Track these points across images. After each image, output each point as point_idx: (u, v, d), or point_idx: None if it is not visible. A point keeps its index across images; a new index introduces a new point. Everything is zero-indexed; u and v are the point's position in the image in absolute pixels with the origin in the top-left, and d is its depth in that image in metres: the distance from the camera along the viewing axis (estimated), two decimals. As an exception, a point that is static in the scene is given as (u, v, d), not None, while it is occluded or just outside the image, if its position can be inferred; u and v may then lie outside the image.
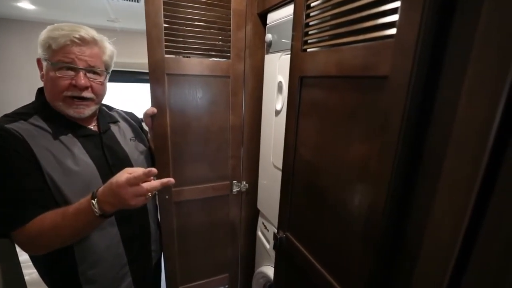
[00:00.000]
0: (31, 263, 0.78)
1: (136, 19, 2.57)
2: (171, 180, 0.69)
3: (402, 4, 0.40)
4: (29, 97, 0.76)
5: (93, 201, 0.63)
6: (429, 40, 0.37)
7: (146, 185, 0.63)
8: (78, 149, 0.74)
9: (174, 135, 1.05)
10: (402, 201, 0.43)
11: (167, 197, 1.09)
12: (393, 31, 0.42)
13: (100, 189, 0.64)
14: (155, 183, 0.65)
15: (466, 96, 0.32)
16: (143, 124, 1.04)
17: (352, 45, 0.51)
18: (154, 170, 0.64)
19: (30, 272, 1.06)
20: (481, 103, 0.30)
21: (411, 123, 0.40)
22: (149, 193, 0.65)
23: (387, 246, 0.46)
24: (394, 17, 0.42)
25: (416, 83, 0.39)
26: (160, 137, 1.02)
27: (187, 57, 1.03)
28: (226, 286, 1.37)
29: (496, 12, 0.29)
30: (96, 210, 0.63)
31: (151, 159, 1.00)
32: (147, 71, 0.95)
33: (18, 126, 0.67)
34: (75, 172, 0.71)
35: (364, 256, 0.50)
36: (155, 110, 0.96)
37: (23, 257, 0.79)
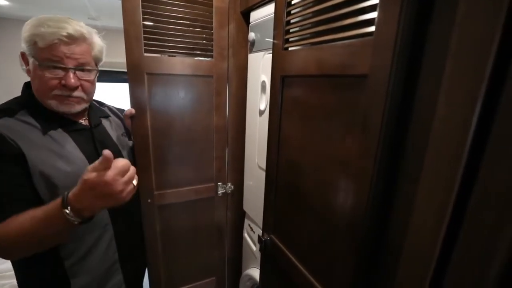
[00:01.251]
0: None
1: (119, 16, 2.49)
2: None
3: (380, 0, 0.39)
4: (5, 97, 0.72)
5: (66, 210, 0.54)
6: (408, 37, 0.36)
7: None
8: (69, 144, 0.72)
9: (156, 137, 1.02)
10: (384, 199, 0.43)
11: (149, 200, 1.06)
12: (372, 28, 0.41)
13: (71, 194, 0.55)
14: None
15: (445, 94, 0.31)
16: None
17: (332, 43, 0.50)
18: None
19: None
20: (459, 101, 0.29)
21: (392, 121, 0.40)
22: (135, 181, 0.59)
23: (370, 245, 0.45)
24: (373, 15, 0.42)
25: (396, 81, 0.38)
26: (140, 138, 0.98)
27: (172, 56, 1.00)
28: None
29: (472, 8, 0.28)
30: (72, 219, 0.55)
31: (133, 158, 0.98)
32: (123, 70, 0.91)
33: (6, 121, 0.64)
34: (67, 167, 0.68)
35: (348, 256, 0.49)
36: (133, 111, 0.92)
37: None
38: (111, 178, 0.53)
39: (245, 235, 1.24)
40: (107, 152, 0.52)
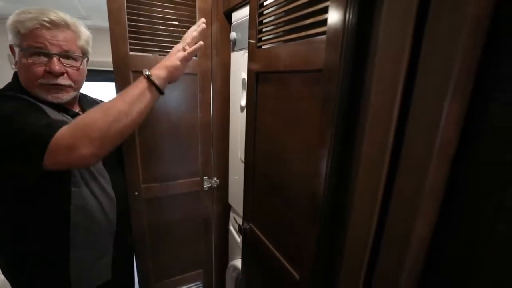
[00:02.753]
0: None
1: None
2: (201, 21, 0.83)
3: (331, 2, 0.44)
4: None
5: (145, 72, 0.72)
6: (352, 34, 0.41)
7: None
8: None
9: (143, 132, 1.06)
10: (338, 179, 0.47)
11: (136, 193, 1.09)
12: (326, 28, 0.46)
13: (155, 68, 0.75)
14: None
15: (375, 83, 0.36)
16: None
17: (296, 42, 0.55)
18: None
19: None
20: (384, 90, 0.34)
21: (342, 110, 0.44)
22: (186, 42, 0.79)
23: (327, 220, 0.49)
24: (327, 15, 0.46)
25: (344, 74, 0.43)
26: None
27: (163, 55, 1.03)
28: (201, 282, 1.38)
29: (391, 11, 0.33)
30: (145, 75, 0.70)
31: None
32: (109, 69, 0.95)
33: (21, 96, 0.68)
34: None
35: (309, 231, 0.53)
36: (120, 107, 0.96)
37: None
38: (178, 45, 0.80)
39: (231, 227, 1.29)
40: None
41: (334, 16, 0.43)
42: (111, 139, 0.64)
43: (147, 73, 0.71)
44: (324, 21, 0.48)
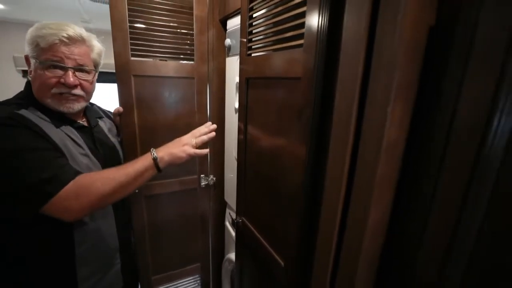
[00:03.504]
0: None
1: (109, 19, 2.59)
2: (212, 128, 0.93)
3: (306, 19, 0.50)
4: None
5: (152, 153, 0.80)
6: (324, 48, 0.48)
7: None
8: (77, 138, 0.79)
9: (143, 133, 1.12)
10: (315, 170, 0.53)
11: (137, 191, 1.15)
12: (303, 41, 0.53)
13: (160, 149, 0.82)
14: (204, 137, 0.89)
15: (338, 91, 0.42)
16: None
17: (280, 51, 0.61)
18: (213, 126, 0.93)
19: None
20: (345, 96, 0.41)
21: (317, 113, 0.51)
22: (194, 140, 0.87)
23: (307, 208, 0.55)
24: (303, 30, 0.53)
25: (318, 83, 0.49)
26: (128, 134, 1.08)
27: (164, 60, 1.10)
28: (198, 275, 1.45)
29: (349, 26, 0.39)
30: (152, 157, 0.78)
31: None
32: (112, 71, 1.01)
33: (27, 113, 0.70)
34: (79, 157, 0.76)
35: (291, 222, 0.60)
36: (121, 109, 1.02)
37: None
38: (187, 136, 0.89)
39: (227, 223, 1.35)
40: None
41: (309, 31, 0.49)
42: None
43: (154, 155, 0.79)
44: (302, 35, 0.54)
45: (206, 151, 0.90)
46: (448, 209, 0.34)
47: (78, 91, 0.77)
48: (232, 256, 1.24)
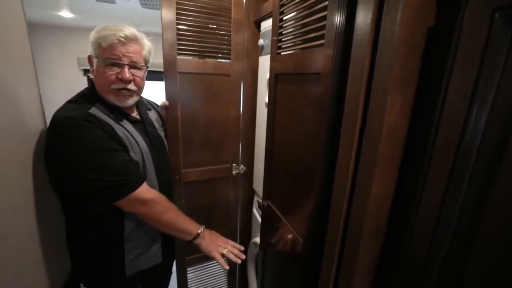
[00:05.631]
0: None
1: (157, 23, 2.86)
2: (242, 256, 1.02)
3: (327, 22, 0.58)
4: (63, 93, 0.92)
5: (200, 229, 0.95)
6: (339, 46, 0.55)
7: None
8: (133, 132, 0.91)
9: (184, 125, 1.26)
10: (331, 155, 0.61)
11: (177, 177, 1.30)
12: (323, 40, 0.60)
13: (206, 230, 0.99)
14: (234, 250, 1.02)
15: (349, 82, 0.50)
16: None
17: (303, 50, 0.70)
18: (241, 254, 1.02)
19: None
20: (354, 86, 0.48)
21: (334, 101, 0.58)
22: (226, 249, 0.99)
23: (324, 189, 0.63)
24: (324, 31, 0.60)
25: (335, 77, 0.57)
26: (172, 125, 1.24)
27: (203, 58, 1.24)
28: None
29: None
30: (194, 238, 0.94)
31: None
32: (159, 69, 1.16)
33: (97, 112, 0.82)
34: (138, 150, 0.89)
35: (309, 201, 0.68)
36: (167, 103, 1.17)
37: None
38: (225, 241, 1.02)
39: (254, 210, 1.46)
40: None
41: (328, 33, 0.57)
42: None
43: (201, 232, 0.97)
44: (323, 36, 0.62)
45: (227, 266, 1.01)
46: (438, 183, 0.40)
47: (131, 86, 0.87)
48: (257, 240, 1.34)
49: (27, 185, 0.78)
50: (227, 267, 0.99)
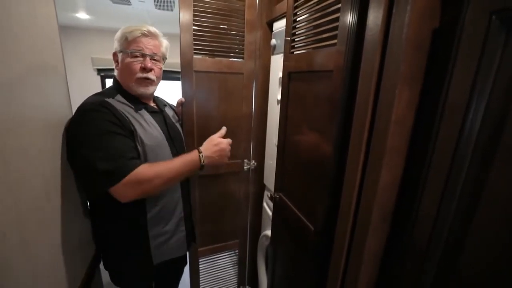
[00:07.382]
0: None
1: (167, 24, 2.94)
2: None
3: (340, 23, 0.63)
4: (78, 92, 0.98)
5: (200, 154, 0.96)
6: (351, 45, 0.59)
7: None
8: (150, 120, 0.99)
9: (199, 121, 1.32)
10: (341, 150, 0.65)
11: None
12: (335, 41, 0.65)
13: (202, 147, 1.00)
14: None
15: (360, 79, 0.54)
16: None
17: (316, 50, 0.74)
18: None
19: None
20: (365, 82, 0.53)
21: (345, 96, 0.62)
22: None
23: (334, 181, 0.68)
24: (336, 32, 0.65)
25: (347, 74, 0.61)
26: (188, 121, 1.30)
27: (217, 57, 1.29)
28: (237, 250, 1.63)
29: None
30: (202, 159, 0.95)
31: None
32: (175, 69, 1.22)
33: (113, 101, 0.92)
34: (153, 136, 0.96)
35: (321, 191, 0.72)
36: (183, 100, 1.24)
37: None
38: (226, 142, 1.05)
39: (264, 204, 1.51)
40: (224, 129, 1.08)
41: (341, 33, 0.62)
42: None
43: (202, 162, 0.97)
44: (335, 36, 0.66)
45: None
46: (440, 169, 0.44)
47: (151, 75, 0.98)
48: (268, 232, 1.39)
49: (59, 176, 0.84)
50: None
